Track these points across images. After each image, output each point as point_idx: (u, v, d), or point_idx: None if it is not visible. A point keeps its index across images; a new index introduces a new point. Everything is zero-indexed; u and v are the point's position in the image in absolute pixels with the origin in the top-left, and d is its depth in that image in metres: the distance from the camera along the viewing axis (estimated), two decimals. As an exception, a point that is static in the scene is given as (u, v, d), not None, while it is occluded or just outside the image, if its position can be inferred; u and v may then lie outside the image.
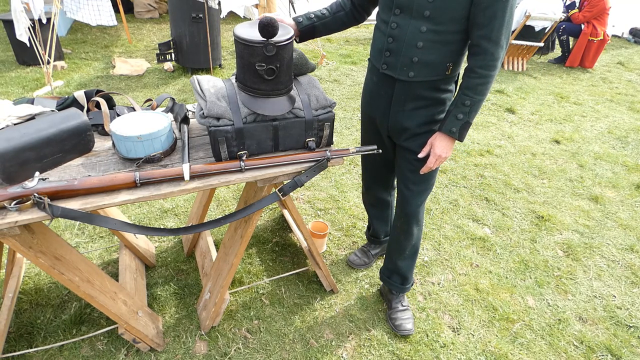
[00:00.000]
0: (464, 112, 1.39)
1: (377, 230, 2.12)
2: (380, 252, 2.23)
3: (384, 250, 2.22)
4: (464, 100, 1.38)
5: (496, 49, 1.29)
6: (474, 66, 1.33)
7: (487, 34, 1.27)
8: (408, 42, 1.36)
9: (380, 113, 1.59)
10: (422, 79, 1.42)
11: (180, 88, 4.17)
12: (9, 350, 1.63)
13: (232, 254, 1.58)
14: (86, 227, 2.27)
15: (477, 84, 1.34)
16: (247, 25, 1.27)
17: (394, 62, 1.43)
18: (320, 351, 1.75)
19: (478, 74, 1.33)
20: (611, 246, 2.50)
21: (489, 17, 1.24)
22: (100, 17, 4.29)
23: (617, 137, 3.95)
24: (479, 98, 1.37)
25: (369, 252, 2.19)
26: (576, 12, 5.66)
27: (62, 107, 1.43)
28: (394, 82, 1.47)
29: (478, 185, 2.97)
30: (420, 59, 1.37)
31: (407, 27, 1.34)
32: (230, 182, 1.26)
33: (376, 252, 2.21)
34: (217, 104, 1.24)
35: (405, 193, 1.68)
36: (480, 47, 1.30)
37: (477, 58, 1.32)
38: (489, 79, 1.34)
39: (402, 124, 1.53)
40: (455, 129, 1.42)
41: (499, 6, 1.23)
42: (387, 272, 1.91)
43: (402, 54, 1.39)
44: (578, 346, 1.87)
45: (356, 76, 4.85)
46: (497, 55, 1.30)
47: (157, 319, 1.76)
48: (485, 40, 1.28)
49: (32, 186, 1.07)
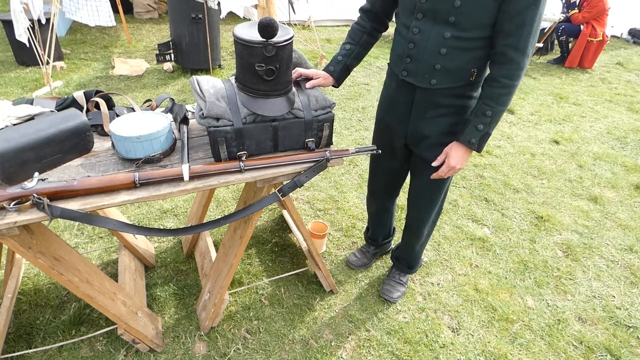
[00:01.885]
0: (485, 122, 1.32)
1: (376, 233, 2.12)
2: (379, 253, 2.23)
3: (383, 250, 2.23)
4: (485, 110, 1.31)
5: (522, 58, 1.22)
6: (497, 75, 1.26)
7: (514, 42, 1.20)
8: (430, 48, 1.29)
9: (398, 120, 1.53)
10: (444, 86, 1.35)
11: (179, 88, 4.17)
12: (8, 350, 1.62)
13: (231, 255, 1.58)
14: (85, 227, 2.27)
15: (500, 94, 1.27)
16: (247, 26, 1.27)
17: (414, 69, 1.37)
18: (319, 351, 1.75)
19: (502, 83, 1.26)
20: (610, 246, 2.50)
21: (518, 25, 1.17)
22: (99, 18, 4.29)
23: (616, 137, 3.96)
24: (501, 109, 1.30)
25: (368, 253, 2.19)
26: (576, 12, 5.67)
27: (62, 108, 1.43)
28: (414, 89, 1.41)
29: (477, 185, 2.97)
30: (443, 66, 1.31)
31: (430, 33, 1.28)
32: (229, 183, 1.26)
33: (375, 252, 2.20)
34: (217, 104, 1.24)
35: (417, 202, 1.70)
36: (506, 56, 1.22)
37: (501, 67, 1.25)
38: (513, 89, 1.27)
39: (422, 132, 1.48)
40: (474, 140, 1.35)
41: (529, 14, 1.15)
42: (396, 256, 2.06)
43: (424, 60, 1.32)
44: (577, 346, 1.87)
45: (356, 76, 4.86)
46: (523, 65, 1.23)
47: (156, 320, 1.76)
48: (511, 49, 1.21)
49: (32, 186, 1.06)
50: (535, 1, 1.14)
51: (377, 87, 4.66)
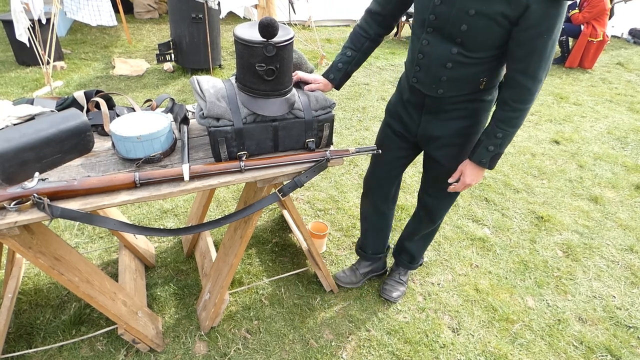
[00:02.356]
0: (496, 144, 1.32)
1: (366, 243, 1.99)
2: (369, 272, 2.07)
3: (374, 270, 2.08)
4: (497, 132, 1.30)
5: (533, 83, 1.20)
6: (507, 98, 1.26)
7: (524, 69, 1.18)
8: (437, 60, 1.30)
9: (409, 117, 1.53)
10: (452, 94, 1.36)
11: (179, 88, 4.17)
12: (9, 350, 1.62)
13: (231, 255, 1.58)
14: (86, 227, 2.27)
15: (511, 117, 1.27)
16: (247, 26, 1.27)
17: (423, 78, 1.38)
18: (319, 351, 1.75)
19: (512, 107, 1.25)
20: (611, 246, 2.50)
21: (528, 52, 1.15)
22: (101, 18, 4.29)
23: (617, 137, 3.95)
24: (512, 130, 1.30)
25: (357, 271, 2.05)
26: (576, 12, 5.67)
27: (62, 108, 1.43)
28: (424, 95, 1.43)
29: (477, 185, 2.97)
30: (449, 78, 1.32)
31: (438, 46, 1.28)
32: (230, 183, 1.26)
33: (365, 272, 2.05)
34: (217, 104, 1.24)
35: (427, 200, 1.70)
36: (516, 80, 1.22)
37: (511, 91, 1.24)
38: (524, 113, 1.26)
39: (433, 133, 1.48)
40: (485, 160, 1.36)
41: (539, 42, 1.13)
42: (397, 249, 2.04)
43: (431, 72, 1.34)
44: (578, 346, 1.87)
45: (356, 76, 4.85)
46: (534, 90, 1.22)
47: (156, 320, 1.76)
48: (521, 74, 1.20)
49: (32, 186, 1.06)
50: (548, 30, 1.11)
51: (377, 87, 4.66)
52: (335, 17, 7.00)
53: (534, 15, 1.09)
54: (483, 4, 1.13)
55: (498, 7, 1.12)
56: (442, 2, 1.21)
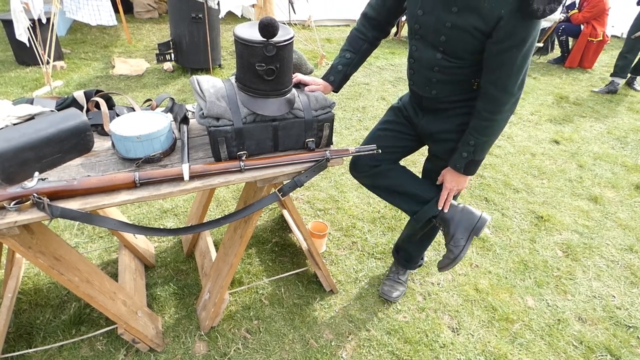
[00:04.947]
0: (469, 151, 1.38)
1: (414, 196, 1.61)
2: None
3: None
4: (469, 139, 1.36)
5: (502, 95, 1.25)
6: (480, 108, 1.31)
7: (494, 80, 1.23)
8: (426, 64, 1.37)
9: (414, 114, 1.58)
10: (445, 95, 1.41)
11: (179, 88, 4.17)
12: (8, 350, 1.62)
13: (231, 254, 1.58)
14: (85, 227, 2.27)
15: (484, 126, 1.32)
16: (247, 26, 1.27)
17: (417, 80, 1.45)
18: (319, 351, 1.75)
19: (483, 116, 1.31)
20: (610, 246, 2.50)
21: (498, 64, 1.20)
22: (100, 17, 4.29)
23: (617, 137, 3.95)
24: (484, 139, 1.35)
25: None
26: (576, 12, 5.67)
27: (62, 107, 1.43)
28: (421, 96, 1.48)
29: (477, 185, 2.97)
30: (438, 80, 1.37)
31: (425, 52, 1.34)
32: (229, 182, 1.26)
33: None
34: (217, 104, 1.24)
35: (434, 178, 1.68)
36: (487, 91, 1.27)
37: (483, 100, 1.30)
38: (495, 123, 1.31)
39: (432, 130, 1.52)
40: (459, 165, 1.42)
41: (509, 55, 1.17)
42: (396, 247, 2.06)
43: (422, 74, 1.40)
44: (577, 346, 1.87)
45: (356, 76, 4.85)
46: (504, 101, 1.26)
47: (156, 319, 1.76)
48: (491, 85, 1.25)
49: (32, 186, 1.06)
50: (519, 45, 1.14)
51: (377, 86, 4.66)
52: (335, 17, 7.00)
53: (505, 29, 1.14)
54: (458, 18, 1.19)
55: (472, 21, 1.17)
56: (424, 12, 1.27)
